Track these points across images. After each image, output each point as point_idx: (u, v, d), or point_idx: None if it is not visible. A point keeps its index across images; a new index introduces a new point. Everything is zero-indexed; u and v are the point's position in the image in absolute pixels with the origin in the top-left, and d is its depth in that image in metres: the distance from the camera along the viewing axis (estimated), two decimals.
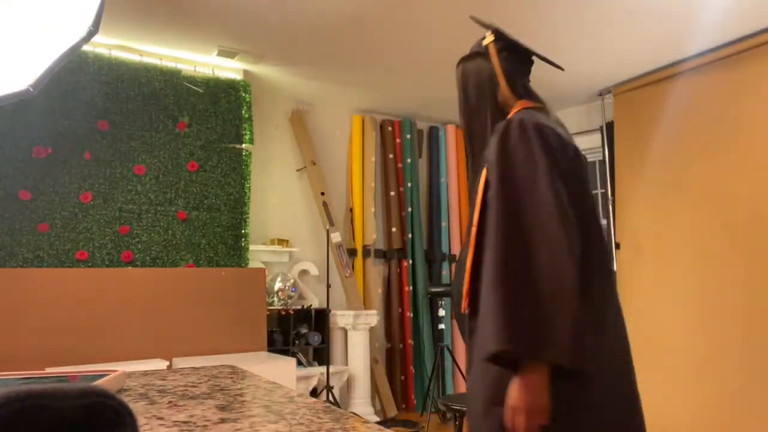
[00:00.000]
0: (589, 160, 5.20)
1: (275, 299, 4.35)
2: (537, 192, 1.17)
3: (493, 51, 1.48)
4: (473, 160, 1.46)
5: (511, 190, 1.19)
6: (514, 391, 1.10)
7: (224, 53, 3.97)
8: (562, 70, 1.63)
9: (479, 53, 1.53)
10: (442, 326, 4.58)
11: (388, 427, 4.18)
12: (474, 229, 1.28)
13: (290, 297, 4.40)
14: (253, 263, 4.27)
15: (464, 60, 1.58)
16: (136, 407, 0.74)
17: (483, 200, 1.28)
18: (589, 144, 5.07)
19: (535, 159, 1.20)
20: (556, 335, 1.06)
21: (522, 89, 1.47)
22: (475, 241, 1.26)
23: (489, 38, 1.50)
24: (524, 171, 1.20)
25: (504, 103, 1.45)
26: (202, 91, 4.03)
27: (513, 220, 1.17)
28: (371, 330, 4.62)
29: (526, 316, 1.08)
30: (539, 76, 1.49)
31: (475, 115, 1.48)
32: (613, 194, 4.49)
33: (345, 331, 4.56)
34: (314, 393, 4.22)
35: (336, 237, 4.63)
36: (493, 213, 1.19)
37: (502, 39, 1.49)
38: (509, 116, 1.34)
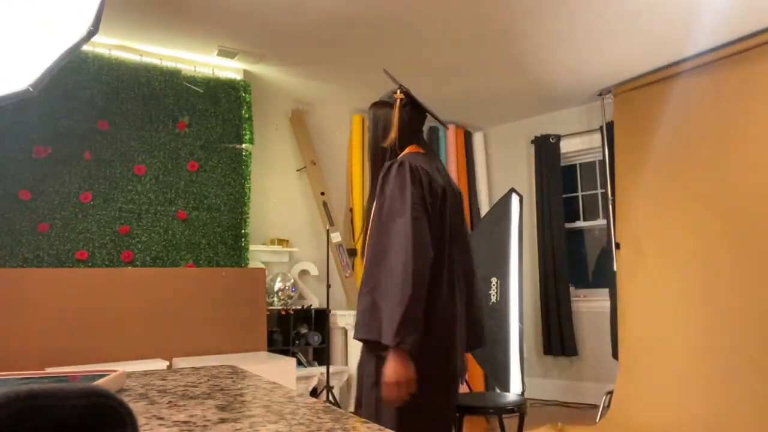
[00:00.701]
0: (589, 160, 5.20)
1: (275, 299, 4.35)
2: (400, 218, 1.55)
3: (398, 104, 1.81)
4: (371, 189, 1.79)
5: (381, 217, 1.59)
6: (386, 369, 1.48)
7: (224, 53, 3.97)
8: (445, 126, 2.28)
9: (388, 103, 1.85)
10: None
11: None
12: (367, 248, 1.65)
13: (290, 297, 4.40)
14: (253, 263, 4.27)
15: (375, 106, 1.89)
16: (136, 407, 0.74)
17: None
18: (589, 144, 5.07)
19: (405, 192, 1.57)
20: (390, 328, 1.46)
21: (414, 137, 1.82)
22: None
23: (399, 95, 1.83)
24: (394, 202, 1.58)
25: (398, 147, 1.78)
26: (202, 91, 4.03)
27: (379, 239, 1.58)
28: None
29: (376, 316, 1.51)
30: (542, 77, 1.49)
31: (377, 154, 1.81)
32: (613, 194, 4.49)
33: (345, 331, 4.56)
34: (314, 393, 4.22)
35: (336, 237, 4.63)
36: (371, 232, 1.61)
37: (407, 95, 1.84)
38: (398, 158, 1.71)
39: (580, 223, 5.28)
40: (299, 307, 4.41)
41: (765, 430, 3.22)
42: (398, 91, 1.84)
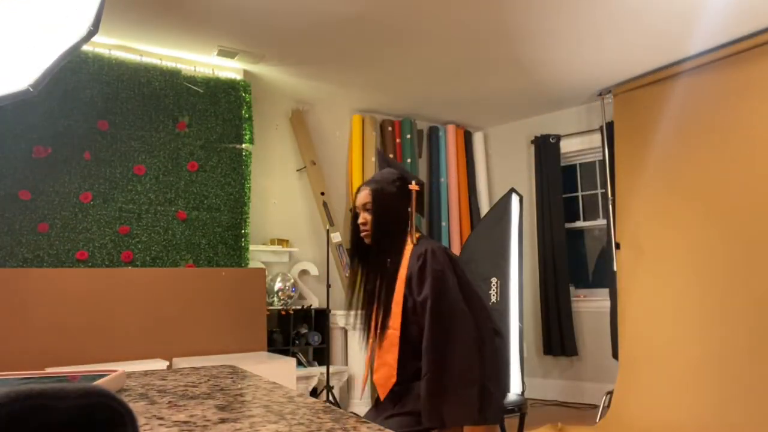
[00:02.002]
0: (589, 160, 5.20)
1: (275, 299, 4.35)
2: (452, 299, 1.78)
3: (414, 196, 1.96)
4: (383, 253, 1.95)
5: (439, 302, 1.76)
6: None
7: (224, 53, 3.97)
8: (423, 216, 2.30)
9: (403, 192, 1.97)
10: None
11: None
12: (398, 308, 1.84)
13: (290, 297, 4.40)
14: (253, 263, 4.27)
15: (386, 189, 1.98)
16: (136, 407, 0.74)
17: (405, 290, 1.86)
18: (589, 144, 5.07)
19: (447, 276, 1.80)
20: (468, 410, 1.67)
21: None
22: (401, 320, 1.84)
23: (414, 187, 1.96)
24: (444, 286, 1.79)
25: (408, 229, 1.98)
26: (202, 91, 4.03)
27: (441, 321, 1.75)
28: None
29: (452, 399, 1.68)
30: (542, 77, 1.51)
31: (392, 233, 1.95)
32: (613, 194, 4.49)
33: (345, 331, 4.56)
34: (314, 393, 4.22)
35: (336, 237, 4.63)
36: (429, 313, 1.76)
37: (420, 186, 1.99)
38: (414, 240, 1.92)
39: (580, 223, 5.28)
40: (299, 307, 4.41)
41: (765, 430, 3.21)
42: (414, 183, 1.97)
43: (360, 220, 1.96)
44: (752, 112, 3.67)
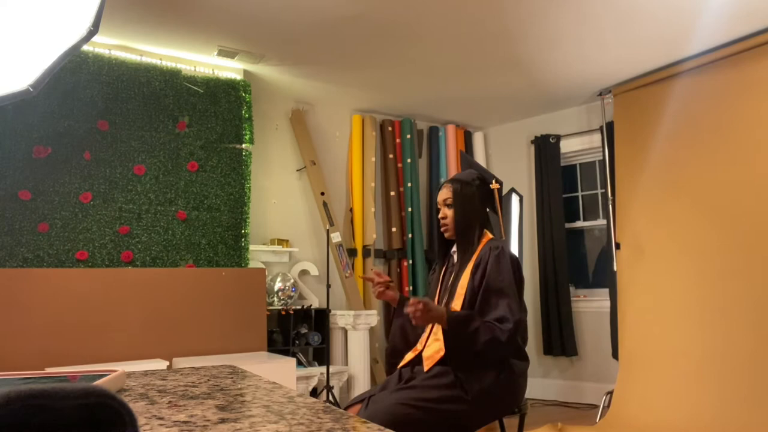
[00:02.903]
0: (589, 160, 5.20)
1: (275, 299, 4.35)
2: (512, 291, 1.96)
3: (496, 195, 2.13)
4: (461, 246, 2.12)
5: (506, 290, 1.94)
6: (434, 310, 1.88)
7: (224, 53, 3.97)
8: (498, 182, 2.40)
9: (485, 191, 2.14)
10: None
11: None
12: (462, 291, 2.00)
13: (290, 297, 4.40)
14: (253, 263, 4.27)
15: (465, 186, 2.13)
16: (136, 407, 0.74)
17: (471, 277, 2.01)
18: (589, 144, 5.07)
19: (517, 276, 1.99)
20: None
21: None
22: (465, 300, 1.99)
23: (495, 185, 2.13)
24: (508, 278, 1.96)
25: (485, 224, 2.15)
26: (202, 91, 4.03)
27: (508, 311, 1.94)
28: (371, 330, 4.62)
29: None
30: (542, 77, 1.51)
31: (471, 228, 2.10)
32: (613, 194, 4.49)
33: (345, 331, 4.56)
34: (314, 393, 4.22)
35: (336, 237, 4.63)
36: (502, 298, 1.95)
37: (501, 185, 2.15)
38: (487, 239, 2.09)
39: (580, 223, 5.28)
40: (299, 307, 4.41)
41: (765, 430, 3.21)
42: (494, 181, 2.13)
43: (440, 215, 2.12)
44: (752, 112, 3.67)
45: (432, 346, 1.96)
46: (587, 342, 4.91)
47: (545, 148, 5.23)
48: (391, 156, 5.23)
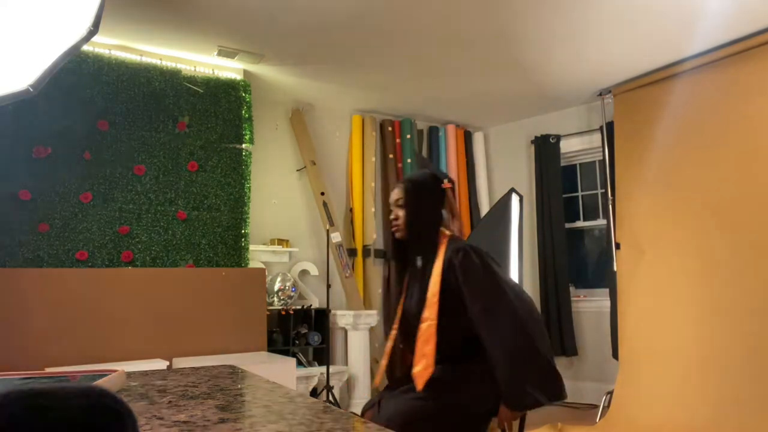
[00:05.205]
0: (589, 160, 5.20)
1: (275, 299, 4.35)
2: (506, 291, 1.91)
3: (449, 194, 2.07)
4: (415, 248, 2.07)
5: (495, 295, 1.89)
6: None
7: (224, 53, 3.97)
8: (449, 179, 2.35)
9: (438, 191, 2.07)
10: None
11: None
12: (435, 299, 1.89)
13: (290, 297, 4.40)
14: (253, 263, 4.27)
15: (418, 186, 2.08)
16: (136, 407, 0.74)
17: (442, 283, 1.92)
18: (589, 144, 5.07)
19: (493, 270, 1.92)
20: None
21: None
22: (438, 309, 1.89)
23: (447, 185, 2.08)
24: (493, 279, 1.91)
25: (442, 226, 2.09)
26: (202, 91, 4.03)
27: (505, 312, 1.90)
28: (371, 330, 4.62)
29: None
30: (542, 77, 1.51)
31: (424, 228, 2.04)
32: (613, 194, 4.49)
33: (345, 331, 4.56)
34: (314, 393, 4.22)
35: (336, 237, 4.63)
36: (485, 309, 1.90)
37: (452, 184, 2.11)
38: (447, 239, 2.00)
39: (580, 223, 5.28)
40: (299, 307, 4.41)
41: (765, 430, 3.21)
42: (446, 181, 2.08)
43: (392, 216, 2.06)
44: (752, 112, 3.67)
45: (420, 363, 1.90)
46: (587, 342, 4.91)
47: (545, 148, 5.23)
48: (391, 156, 5.23)
